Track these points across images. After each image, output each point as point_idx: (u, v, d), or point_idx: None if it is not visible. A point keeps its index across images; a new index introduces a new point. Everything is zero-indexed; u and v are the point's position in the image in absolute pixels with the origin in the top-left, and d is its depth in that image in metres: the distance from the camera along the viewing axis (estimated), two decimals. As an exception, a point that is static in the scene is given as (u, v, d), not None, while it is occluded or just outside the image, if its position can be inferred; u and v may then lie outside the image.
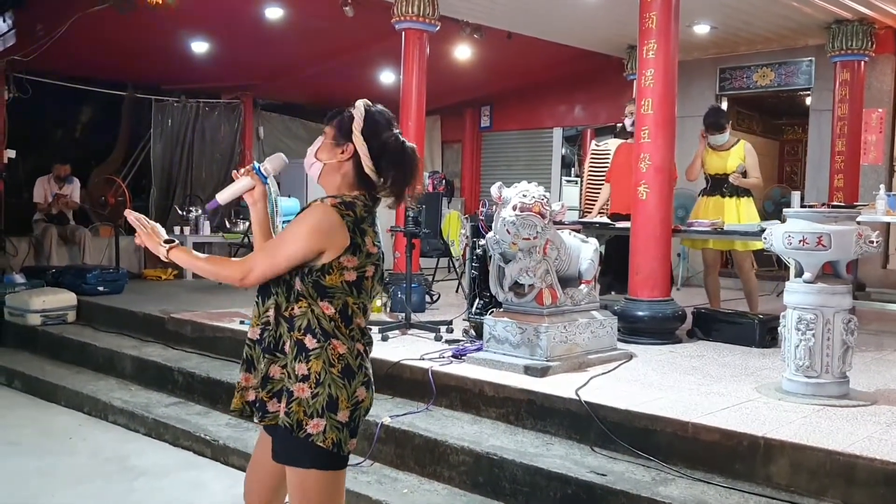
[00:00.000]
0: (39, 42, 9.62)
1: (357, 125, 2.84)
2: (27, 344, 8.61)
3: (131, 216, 2.99)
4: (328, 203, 2.78)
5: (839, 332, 4.90)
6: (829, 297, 4.91)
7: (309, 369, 2.75)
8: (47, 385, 7.39)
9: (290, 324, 2.78)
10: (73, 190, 11.32)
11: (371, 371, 2.90)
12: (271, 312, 2.82)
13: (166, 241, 2.94)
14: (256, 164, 3.04)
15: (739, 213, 7.73)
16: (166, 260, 2.94)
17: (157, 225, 3.00)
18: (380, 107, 2.94)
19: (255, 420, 2.86)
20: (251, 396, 2.90)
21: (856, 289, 7.20)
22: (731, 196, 7.80)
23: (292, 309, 2.78)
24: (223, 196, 3.08)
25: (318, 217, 2.76)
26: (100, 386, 7.17)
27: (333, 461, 2.80)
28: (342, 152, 2.86)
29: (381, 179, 2.87)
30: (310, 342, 2.76)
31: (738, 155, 7.79)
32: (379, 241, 2.88)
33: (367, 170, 2.84)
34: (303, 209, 2.85)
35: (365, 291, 2.85)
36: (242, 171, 3.05)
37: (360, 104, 2.90)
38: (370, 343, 2.93)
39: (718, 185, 7.86)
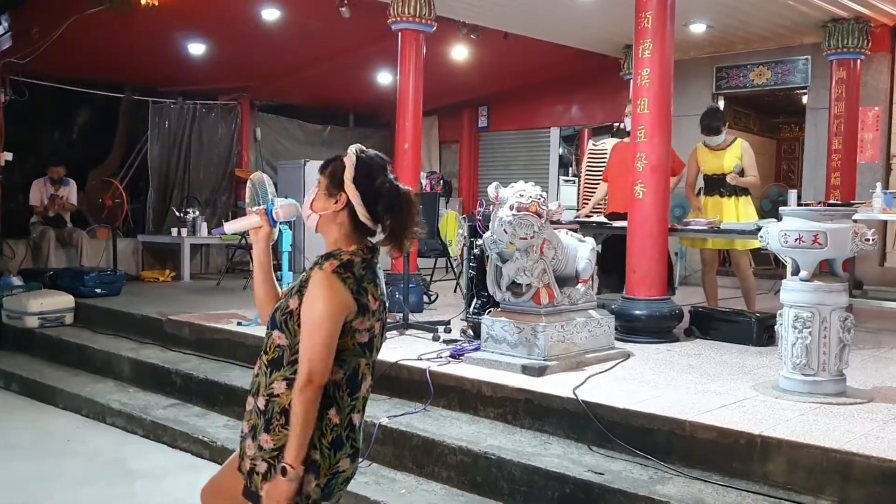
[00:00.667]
0: (36, 44, 9.60)
1: (349, 174, 2.79)
2: (25, 346, 8.60)
3: None
4: (328, 271, 2.72)
5: (836, 329, 4.91)
6: (825, 295, 4.91)
7: None
8: (45, 387, 7.39)
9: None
10: (70, 192, 11.32)
11: (360, 444, 2.86)
12: (279, 385, 2.76)
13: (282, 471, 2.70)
14: (270, 207, 3.06)
15: (738, 212, 7.74)
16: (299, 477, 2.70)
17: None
18: (372, 152, 2.89)
19: (261, 491, 2.76)
20: (248, 466, 2.83)
21: (853, 287, 7.24)
22: (729, 195, 7.81)
23: (291, 374, 2.74)
24: (231, 227, 3.16)
25: (329, 294, 2.69)
26: (98, 388, 7.17)
27: None
28: (335, 202, 2.81)
29: (379, 226, 2.84)
30: None
31: (735, 154, 7.80)
32: (382, 293, 2.84)
33: (362, 218, 2.80)
34: (305, 277, 2.79)
35: (375, 349, 2.85)
36: (256, 208, 3.07)
37: (352, 152, 2.84)
38: (363, 415, 2.90)
39: (716, 185, 7.87)
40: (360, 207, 2.79)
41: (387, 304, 2.91)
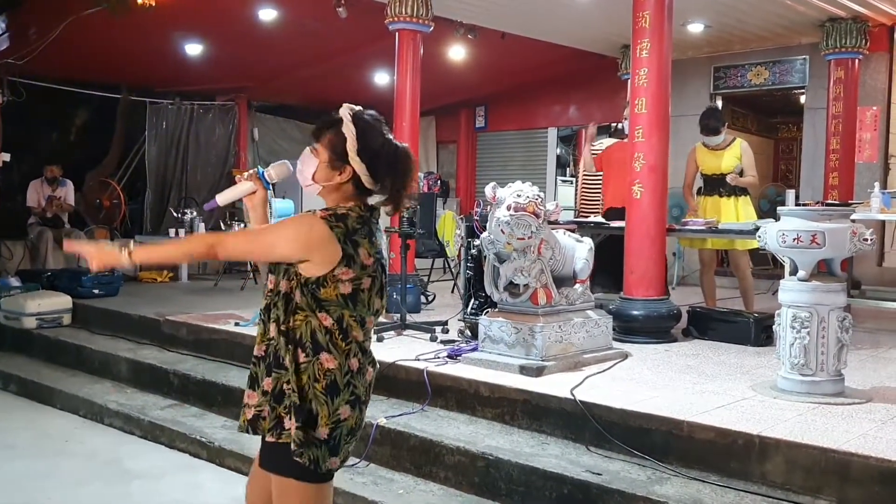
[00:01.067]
0: (33, 45, 9.60)
1: (352, 146, 2.77)
2: (23, 347, 8.59)
3: (70, 246, 2.91)
4: (318, 215, 2.75)
5: (834, 329, 4.90)
6: (823, 294, 4.91)
7: (299, 383, 2.73)
8: (43, 388, 7.38)
9: (287, 337, 2.75)
10: (67, 192, 11.30)
11: (363, 390, 2.84)
12: (273, 328, 2.79)
13: (122, 248, 2.80)
14: (261, 169, 3.03)
15: (738, 212, 7.74)
16: (132, 266, 2.81)
17: (101, 242, 2.87)
18: (368, 114, 2.88)
19: (269, 437, 2.78)
20: (250, 414, 2.84)
21: (851, 287, 7.23)
22: (728, 195, 7.81)
23: (290, 322, 2.75)
24: (223, 197, 3.07)
25: (304, 227, 2.74)
26: (95, 389, 7.16)
27: (314, 475, 2.77)
28: (340, 174, 2.81)
29: (378, 185, 2.83)
30: (300, 356, 2.75)
31: (734, 154, 7.79)
32: (379, 253, 2.84)
33: (366, 184, 2.81)
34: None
35: (361, 304, 2.81)
36: (246, 174, 3.03)
37: (347, 118, 2.82)
38: (372, 362, 2.90)
39: (715, 185, 7.86)
40: (365, 177, 2.80)
41: (385, 266, 2.91)
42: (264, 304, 2.84)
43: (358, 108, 2.88)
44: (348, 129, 2.79)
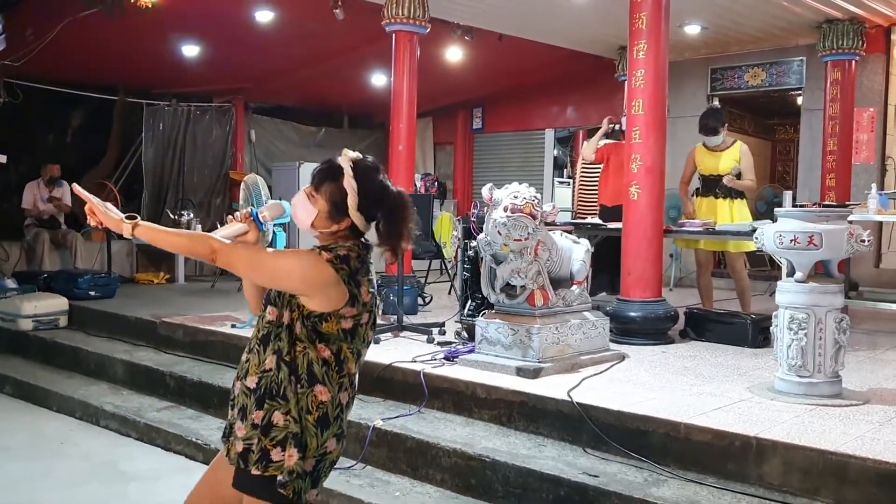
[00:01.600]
0: (30, 47, 9.58)
1: (353, 202, 2.79)
2: (19, 349, 8.57)
3: (79, 190, 2.82)
4: (324, 257, 2.76)
5: (831, 331, 4.90)
6: (820, 296, 4.91)
7: (292, 411, 2.75)
8: (39, 390, 7.37)
9: (291, 367, 2.76)
10: (64, 193, 11.27)
11: (345, 425, 2.89)
12: (273, 359, 2.78)
13: (128, 218, 2.77)
14: (255, 211, 3.03)
15: (733, 213, 7.73)
16: (130, 237, 2.76)
17: (109, 205, 2.82)
18: (368, 162, 2.88)
19: (255, 470, 2.76)
20: (240, 447, 2.81)
21: (848, 288, 7.23)
22: (724, 197, 7.80)
23: (293, 352, 2.77)
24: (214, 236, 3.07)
25: (310, 267, 2.75)
26: (91, 391, 7.15)
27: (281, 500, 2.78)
28: (338, 225, 2.83)
29: (372, 226, 2.88)
30: (297, 386, 2.76)
31: (733, 157, 7.79)
32: (373, 288, 2.88)
33: (363, 230, 2.86)
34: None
35: (359, 338, 2.87)
36: (240, 214, 3.02)
37: (349, 170, 2.81)
38: (354, 395, 2.94)
39: (711, 186, 7.86)
40: (363, 227, 2.85)
41: (377, 298, 2.94)
42: (261, 335, 2.82)
43: (357, 155, 2.87)
44: (349, 185, 2.80)
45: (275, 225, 3.10)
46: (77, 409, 6.89)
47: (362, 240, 2.88)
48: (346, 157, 2.84)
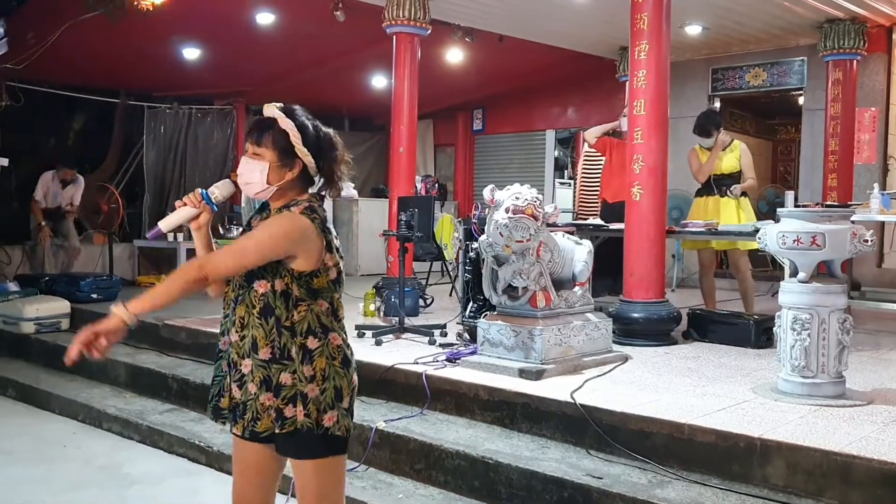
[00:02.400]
0: (31, 50, 9.57)
1: (296, 139, 2.86)
2: (21, 352, 8.57)
3: (73, 355, 2.71)
4: (296, 211, 2.86)
5: (835, 331, 4.89)
6: (824, 296, 4.89)
7: (314, 368, 2.85)
8: (41, 393, 7.37)
9: (293, 331, 2.85)
10: (77, 189, 11.17)
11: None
12: (275, 329, 2.84)
13: (115, 311, 2.73)
14: (204, 192, 3.01)
15: (739, 212, 7.73)
16: (133, 323, 2.73)
17: (99, 326, 2.70)
18: (293, 105, 2.96)
19: (277, 429, 2.84)
20: (272, 415, 2.86)
21: (851, 288, 7.22)
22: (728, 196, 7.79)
23: (292, 316, 2.85)
24: (167, 223, 3.04)
25: (291, 223, 2.84)
26: (94, 394, 7.15)
27: (344, 444, 2.97)
28: (290, 170, 2.89)
29: (319, 173, 2.96)
30: (312, 343, 2.87)
31: (735, 155, 7.80)
32: (336, 237, 3.00)
33: (311, 173, 2.94)
34: (266, 215, 2.95)
35: (341, 284, 2.99)
36: (189, 196, 3.02)
37: (279, 115, 2.89)
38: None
39: (715, 186, 7.85)
40: (311, 166, 2.92)
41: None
42: (257, 309, 2.85)
43: (279, 103, 2.95)
44: (287, 124, 2.88)
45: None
46: (79, 412, 6.89)
47: (310, 190, 2.97)
48: (271, 106, 2.93)
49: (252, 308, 2.86)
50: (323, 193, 2.99)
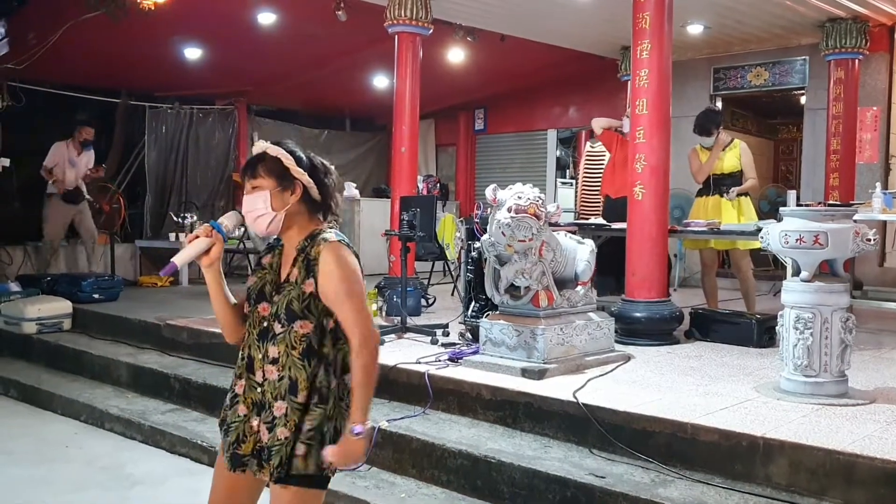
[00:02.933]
0: (32, 50, 9.58)
1: (289, 161, 2.86)
2: (23, 352, 8.57)
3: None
4: (335, 243, 2.83)
5: (837, 330, 4.88)
6: (826, 295, 4.89)
7: (331, 408, 2.82)
8: (43, 393, 7.37)
9: (333, 371, 2.84)
10: (90, 159, 11.03)
11: None
12: (321, 371, 2.81)
13: (355, 434, 2.74)
14: (216, 223, 2.97)
15: (739, 212, 7.73)
16: (370, 432, 2.82)
17: (345, 444, 2.79)
18: (280, 141, 2.98)
19: (310, 469, 2.80)
20: (246, 450, 2.84)
21: (853, 287, 7.22)
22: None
23: (337, 355, 2.84)
24: (181, 258, 2.97)
25: (351, 259, 2.83)
26: (96, 394, 7.15)
27: (327, 481, 2.90)
28: (292, 193, 2.86)
29: (321, 198, 2.92)
30: (341, 382, 2.85)
31: (734, 154, 7.80)
32: None
33: (314, 196, 2.90)
34: (280, 250, 2.96)
35: None
36: (200, 229, 2.98)
37: (267, 145, 2.91)
38: None
39: (716, 185, 7.85)
40: (312, 187, 2.89)
41: None
42: (298, 350, 2.80)
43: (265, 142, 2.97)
44: (277, 151, 2.88)
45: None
46: (82, 412, 6.89)
47: (319, 215, 2.94)
48: (259, 144, 2.94)
49: (292, 349, 2.79)
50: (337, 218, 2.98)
